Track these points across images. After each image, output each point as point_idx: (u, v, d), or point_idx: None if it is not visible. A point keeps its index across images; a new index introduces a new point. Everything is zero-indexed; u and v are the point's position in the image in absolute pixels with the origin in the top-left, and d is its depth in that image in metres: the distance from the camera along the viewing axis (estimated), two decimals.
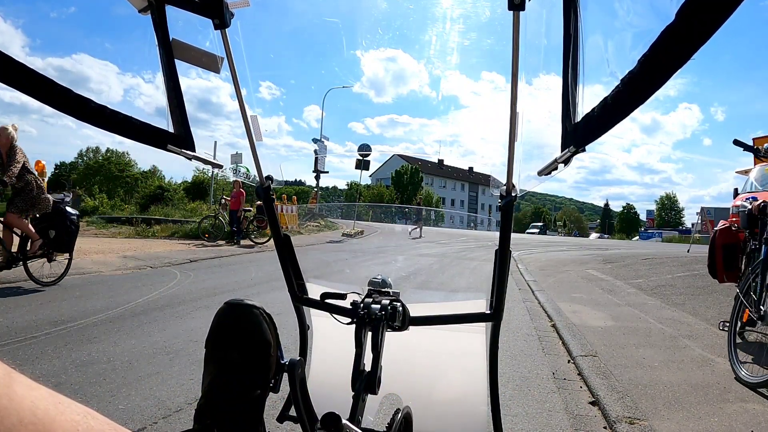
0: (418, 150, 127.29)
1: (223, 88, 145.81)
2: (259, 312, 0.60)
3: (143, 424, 1.70)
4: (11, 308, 3.31)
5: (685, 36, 0.33)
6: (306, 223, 13.95)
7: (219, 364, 0.58)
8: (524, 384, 2.29)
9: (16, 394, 0.20)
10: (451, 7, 0.75)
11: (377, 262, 7.44)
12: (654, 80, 0.36)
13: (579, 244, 15.34)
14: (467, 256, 9.06)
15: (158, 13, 0.62)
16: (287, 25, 17.90)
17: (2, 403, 0.19)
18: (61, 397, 0.23)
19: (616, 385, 2.20)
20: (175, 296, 4.01)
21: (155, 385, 2.07)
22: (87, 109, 0.52)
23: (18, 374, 0.21)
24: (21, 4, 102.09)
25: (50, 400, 0.22)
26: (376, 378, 0.68)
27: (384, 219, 23.11)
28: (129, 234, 10.59)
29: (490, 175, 0.70)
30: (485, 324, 0.84)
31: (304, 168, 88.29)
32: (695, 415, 1.90)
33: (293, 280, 0.87)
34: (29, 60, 8.51)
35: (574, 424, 1.86)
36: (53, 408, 0.21)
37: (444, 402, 0.95)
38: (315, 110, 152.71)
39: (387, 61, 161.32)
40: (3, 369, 0.21)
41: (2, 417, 0.19)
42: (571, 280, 5.98)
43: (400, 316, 0.74)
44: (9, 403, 0.19)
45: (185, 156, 0.65)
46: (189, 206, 15.30)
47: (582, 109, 0.50)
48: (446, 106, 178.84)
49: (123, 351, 2.52)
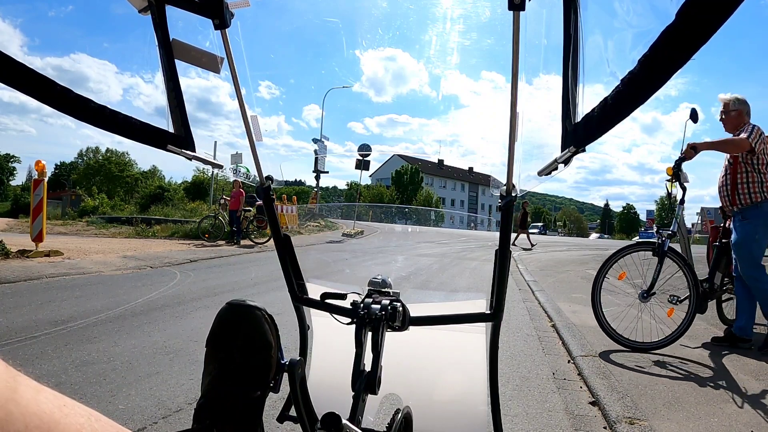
0: (418, 150, 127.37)
1: (222, 87, 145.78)
2: (261, 313, 0.60)
3: (143, 424, 1.70)
4: (11, 308, 3.31)
5: (685, 36, 0.33)
6: (306, 223, 13.94)
7: (219, 364, 0.58)
8: (524, 384, 2.29)
9: (23, 398, 0.20)
10: (451, 7, 0.75)
11: (377, 262, 7.44)
12: (654, 80, 0.36)
13: (579, 245, 15.33)
14: (467, 256, 9.06)
15: (158, 13, 0.62)
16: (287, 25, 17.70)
17: (9, 409, 0.19)
18: (66, 399, 0.23)
19: (616, 385, 2.20)
20: (175, 296, 4.01)
21: (155, 385, 2.07)
22: (87, 109, 0.52)
23: (24, 378, 0.21)
24: (19, 4, 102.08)
25: (55, 403, 0.22)
26: (376, 378, 0.67)
27: (384, 219, 23.11)
28: (129, 234, 10.59)
29: (490, 176, 0.70)
30: (485, 324, 0.84)
31: (304, 168, 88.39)
32: (695, 415, 1.90)
33: (293, 280, 0.87)
34: (28, 59, 8.52)
35: (574, 424, 1.86)
36: (58, 411, 0.21)
37: (444, 402, 0.95)
38: (314, 110, 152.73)
39: (386, 60, 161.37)
40: (9, 373, 0.21)
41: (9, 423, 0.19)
42: (571, 280, 5.98)
43: (400, 316, 0.74)
44: (16, 408, 0.19)
45: (185, 156, 0.65)
46: (189, 206, 15.32)
47: (582, 109, 0.50)
48: (446, 105, 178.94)
49: (123, 351, 2.52)
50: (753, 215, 2.79)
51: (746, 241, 2.78)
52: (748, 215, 2.80)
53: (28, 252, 5.62)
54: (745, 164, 2.79)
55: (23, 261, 5.30)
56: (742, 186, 2.80)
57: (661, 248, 2.85)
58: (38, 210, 5.86)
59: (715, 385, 2.24)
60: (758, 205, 2.77)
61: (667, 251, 2.85)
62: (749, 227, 2.78)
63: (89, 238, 9.82)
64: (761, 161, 2.78)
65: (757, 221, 2.78)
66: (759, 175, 2.78)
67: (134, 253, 6.78)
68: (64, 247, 6.43)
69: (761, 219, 2.78)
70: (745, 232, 2.79)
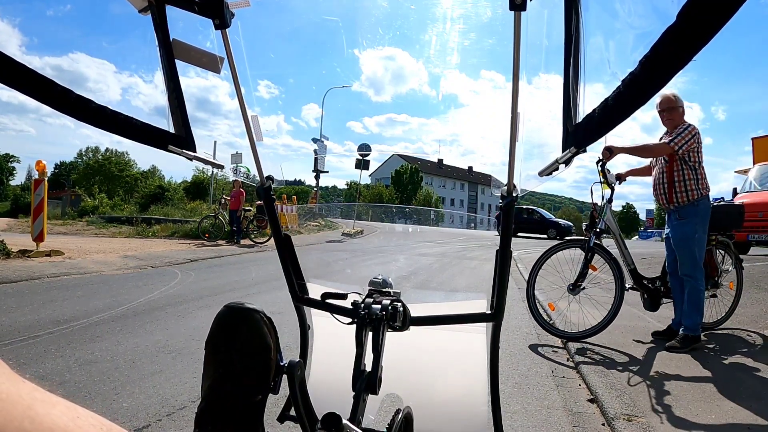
0: (418, 149, 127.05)
1: (221, 87, 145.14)
2: (260, 316, 0.59)
3: (147, 422, 1.70)
4: (13, 307, 3.31)
5: (686, 37, 0.33)
6: (306, 222, 13.95)
7: (219, 367, 0.58)
8: (523, 382, 2.30)
9: (38, 414, 0.20)
10: (452, 7, 0.75)
11: (377, 261, 7.45)
12: (655, 81, 0.37)
13: None
14: (467, 255, 9.07)
15: (158, 13, 0.62)
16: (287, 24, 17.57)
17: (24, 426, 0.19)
18: (80, 410, 0.23)
19: (615, 382, 2.20)
20: (177, 296, 4.02)
21: (159, 383, 2.08)
22: (88, 109, 0.52)
23: (40, 392, 0.22)
24: (18, 3, 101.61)
25: (69, 415, 0.22)
26: (376, 378, 0.67)
27: (384, 219, 23.10)
28: (129, 234, 10.60)
29: (490, 175, 0.70)
30: (486, 324, 0.84)
31: (304, 168, 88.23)
32: (692, 412, 1.90)
33: (294, 280, 0.87)
34: (27, 59, 8.47)
35: (572, 421, 1.86)
36: (72, 423, 0.22)
37: (445, 402, 0.95)
38: (313, 109, 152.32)
39: (386, 59, 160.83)
40: (26, 388, 0.21)
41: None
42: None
43: (400, 316, 0.73)
44: (30, 425, 0.19)
45: (186, 156, 0.65)
46: (189, 206, 15.31)
47: (583, 110, 0.50)
48: (446, 105, 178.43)
49: (126, 350, 2.53)
50: (690, 213, 2.74)
51: (687, 241, 2.74)
52: (685, 214, 2.75)
53: (29, 252, 5.63)
54: (681, 161, 2.74)
55: (24, 261, 5.30)
56: (679, 184, 2.74)
57: (587, 244, 2.96)
58: (39, 210, 5.86)
59: (713, 383, 2.25)
60: (695, 203, 2.73)
61: (594, 247, 2.95)
62: (689, 227, 2.74)
63: (89, 237, 9.82)
64: (693, 159, 2.73)
65: (695, 219, 2.74)
66: (694, 172, 2.73)
67: (135, 252, 6.79)
68: (65, 247, 6.43)
69: (698, 217, 2.74)
70: (685, 232, 2.75)
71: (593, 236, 2.97)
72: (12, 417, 0.19)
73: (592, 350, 2.76)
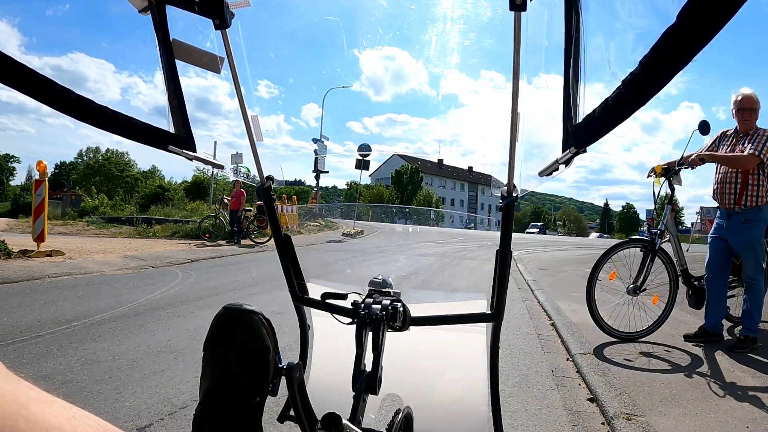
0: (418, 150, 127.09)
1: (221, 86, 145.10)
2: (258, 317, 0.59)
3: (150, 421, 1.71)
4: (15, 307, 3.31)
5: (686, 37, 0.33)
6: (306, 222, 13.94)
7: (217, 369, 0.57)
8: (523, 381, 2.30)
9: (33, 413, 0.20)
10: (452, 7, 0.74)
11: (377, 261, 7.44)
12: (655, 81, 0.36)
13: (578, 244, 15.33)
14: (467, 255, 9.06)
15: (158, 13, 0.62)
16: (287, 24, 17.57)
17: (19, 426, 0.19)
18: (75, 410, 0.23)
19: (614, 381, 2.20)
20: (178, 295, 4.02)
21: (160, 382, 2.08)
22: (88, 109, 0.52)
23: (36, 391, 0.22)
24: (17, 2, 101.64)
25: (65, 415, 0.22)
26: (376, 378, 0.67)
27: (384, 219, 23.09)
28: (129, 234, 10.60)
29: (490, 176, 0.70)
30: (486, 324, 0.84)
31: (304, 168, 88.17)
32: (692, 411, 1.91)
33: (294, 280, 0.87)
34: (26, 59, 8.45)
35: (572, 420, 1.87)
36: (67, 423, 0.21)
37: (445, 402, 0.95)
38: (313, 109, 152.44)
39: (386, 59, 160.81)
40: (22, 387, 0.21)
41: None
42: (570, 279, 5.98)
43: (400, 316, 0.73)
44: (25, 424, 0.19)
45: (186, 157, 0.65)
46: (189, 206, 15.31)
47: (583, 110, 0.50)
48: (446, 105, 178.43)
49: (128, 349, 2.53)
50: (756, 217, 2.82)
51: (753, 244, 2.82)
52: (752, 217, 2.82)
53: (30, 252, 5.63)
54: (759, 166, 2.81)
55: (25, 261, 5.31)
56: (752, 188, 2.80)
57: (651, 245, 2.95)
58: (40, 210, 5.87)
59: (712, 382, 2.25)
60: (760, 208, 2.82)
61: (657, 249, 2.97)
62: (755, 231, 2.82)
63: (90, 238, 9.83)
64: None
65: (760, 224, 2.83)
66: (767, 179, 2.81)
67: (135, 253, 6.79)
68: (66, 247, 6.43)
69: (763, 222, 2.84)
70: (751, 236, 2.82)
71: (658, 238, 2.98)
72: (6, 416, 0.19)
73: (591, 350, 2.76)
